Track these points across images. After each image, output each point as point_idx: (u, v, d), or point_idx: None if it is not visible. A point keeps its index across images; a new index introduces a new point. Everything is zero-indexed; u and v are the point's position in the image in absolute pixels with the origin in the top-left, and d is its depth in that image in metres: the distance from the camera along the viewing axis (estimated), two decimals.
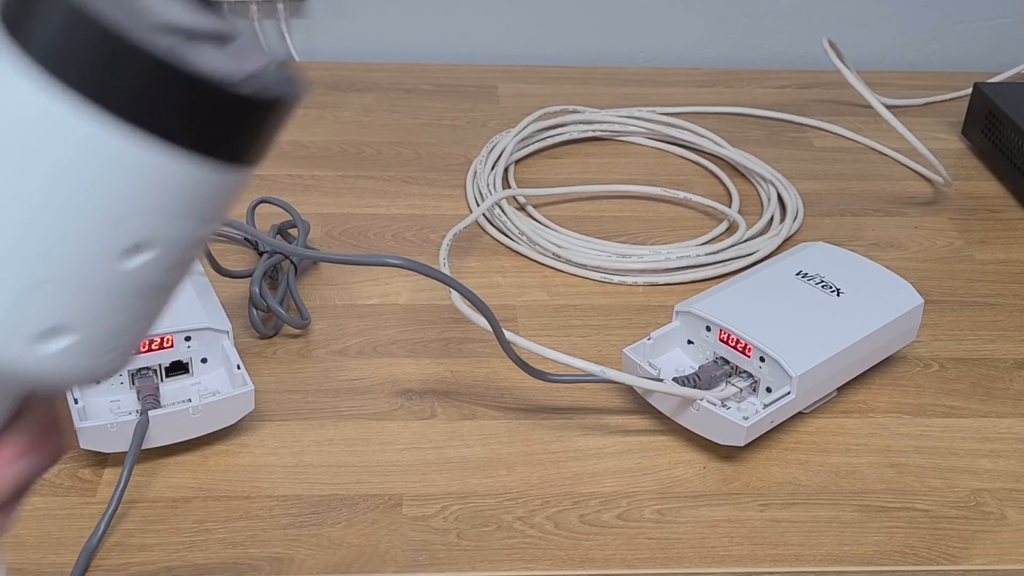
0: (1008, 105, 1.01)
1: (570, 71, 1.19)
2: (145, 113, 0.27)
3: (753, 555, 0.62)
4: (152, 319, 0.32)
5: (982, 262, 0.90)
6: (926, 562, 0.62)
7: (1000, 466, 0.69)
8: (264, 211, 0.88)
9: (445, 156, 1.01)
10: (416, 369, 0.75)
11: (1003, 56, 1.24)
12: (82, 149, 0.27)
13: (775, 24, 1.24)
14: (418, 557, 0.61)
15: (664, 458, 0.68)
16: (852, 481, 0.67)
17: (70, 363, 0.30)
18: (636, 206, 0.95)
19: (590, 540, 0.63)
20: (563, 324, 0.80)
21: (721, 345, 0.70)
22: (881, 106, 0.95)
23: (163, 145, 0.28)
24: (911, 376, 0.76)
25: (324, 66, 1.18)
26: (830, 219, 0.95)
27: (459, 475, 0.66)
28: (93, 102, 0.27)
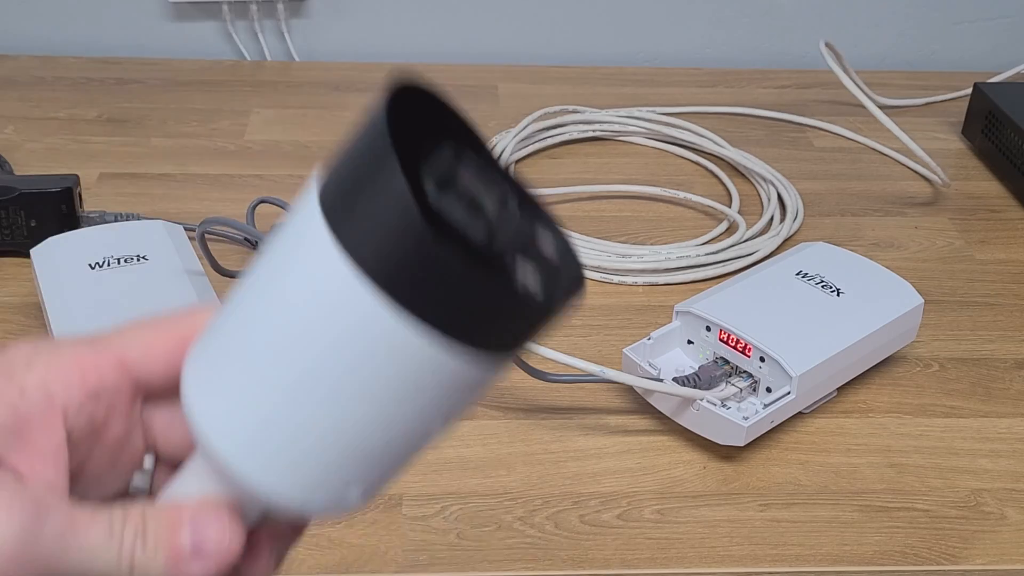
0: (1008, 105, 1.01)
1: (570, 71, 1.19)
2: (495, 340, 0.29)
3: (753, 555, 0.62)
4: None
5: (982, 262, 0.90)
6: (926, 562, 0.62)
7: (1000, 466, 0.69)
8: (264, 211, 0.88)
9: None
10: None
11: (1003, 56, 1.24)
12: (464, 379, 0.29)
13: (775, 24, 1.24)
14: (418, 557, 0.61)
15: (664, 458, 0.68)
16: (852, 481, 0.67)
17: (349, 505, 0.33)
18: (636, 206, 0.95)
19: (590, 540, 0.63)
20: (563, 324, 0.80)
21: (721, 345, 0.70)
22: (876, 108, 0.95)
23: (487, 358, 0.29)
24: (911, 376, 0.76)
25: (324, 66, 1.18)
26: (830, 219, 0.95)
27: (459, 475, 0.66)
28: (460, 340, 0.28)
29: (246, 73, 1.16)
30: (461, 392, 0.30)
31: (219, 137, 1.02)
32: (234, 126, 1.04)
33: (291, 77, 1.15)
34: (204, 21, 1.20)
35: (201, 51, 1.21)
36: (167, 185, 0.92)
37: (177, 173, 0.95)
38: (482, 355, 0.28)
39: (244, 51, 1.21)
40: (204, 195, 0.93)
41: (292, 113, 1.07)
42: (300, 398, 0.30)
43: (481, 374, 0.29)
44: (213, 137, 1.01)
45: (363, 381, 0.29)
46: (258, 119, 1.06)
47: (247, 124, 1.05)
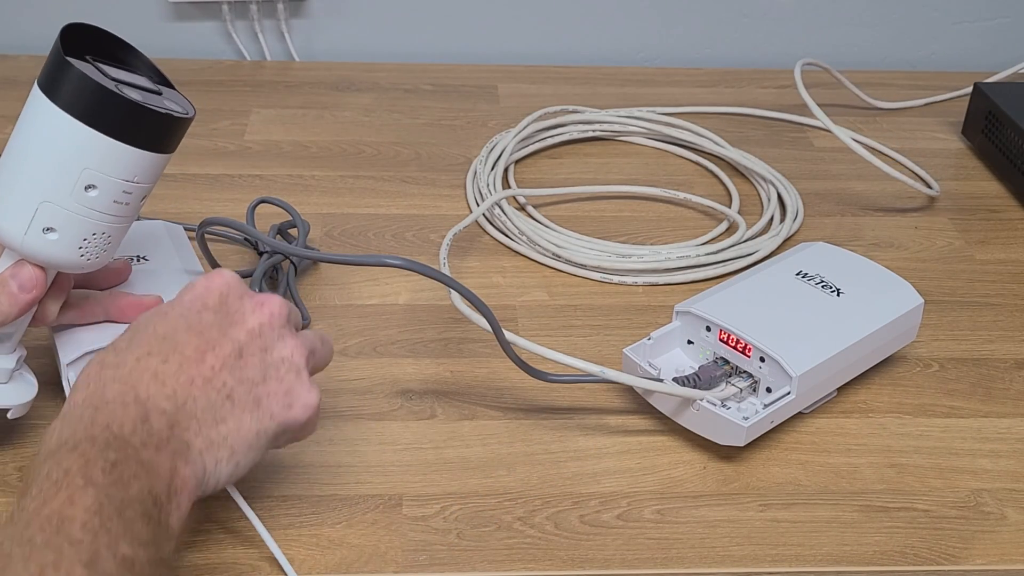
0: (1008, 105, 1.01)
1: (570, 71, 1.19)
2: (107, 123, 0.56)
3: (753, 555, 0.62)
4: (106, 238, 0.60)
5: (982, 262, 0.90)
6: (926, 562, 0.62)
7: (1000, 466, 0.69)
8: (264, 211, 0.88)
9: (445, 156, 1.01)
10: (416, 369, 0.75)
11: (1003, 56, 1.24)
12: (73, 140, 0.56)
13: (775, 24, 1.24)
14: (418, 557, 0.61)
15: (664, 458, 0.68)
16: (852, 481, 0.67)
17: (57, 251, 0.59)
18: (636, 206, 0.95)
19: (590, 540, 0.63)
20: (563, 324, 0.80)
21: (721, 345, 0.70)
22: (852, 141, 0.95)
23: (101, 133, 0.56)
24: (911, 376, 0.76)
25: (324, 66, 1.18)
26: (830, 219, 0.95)
27: (459, 475, 0.66)
28: (82, 121, 0.56)
29: (246, 73, 1.16)
30: (95, 155, 0.57)
31: (219, 137, 1.02)
32: (234, 126, 1.04)
33: (291, 77, 1.15)
34: (204, 21, 1.20)
35: (201, 51, 1.21)
36: (167, 185, 0.92)
37: (177, 173, 0.95)
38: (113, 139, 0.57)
39: (244, 51, 1.21)
40: (204, 195, 0.93)
41: (292, 113, 1.07)
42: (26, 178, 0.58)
43: (117, 150, 0.57)
44: (213, 137, 1.01)
45: (56, 153, 0.57)
46: (258, 119, 1.06)
47: (247, 124, 1.05)
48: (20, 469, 0.65)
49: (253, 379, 0.55)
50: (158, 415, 0.52)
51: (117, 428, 0.50)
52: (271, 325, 0.56)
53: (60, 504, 0.46)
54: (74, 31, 0.58)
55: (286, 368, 0.56)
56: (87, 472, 0.48)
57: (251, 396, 0.55)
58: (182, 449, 0.52)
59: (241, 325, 0.55)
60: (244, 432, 0.54)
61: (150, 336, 0.55)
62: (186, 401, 0.53)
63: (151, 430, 0.51)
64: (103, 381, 0.53)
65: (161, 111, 0.57)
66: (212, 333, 0.55)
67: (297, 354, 0.56)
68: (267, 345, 0.55)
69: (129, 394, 0.52)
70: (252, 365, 0.55)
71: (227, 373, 0.54)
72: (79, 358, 0.64)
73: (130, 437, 0.50)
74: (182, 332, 0.54)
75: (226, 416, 0.54)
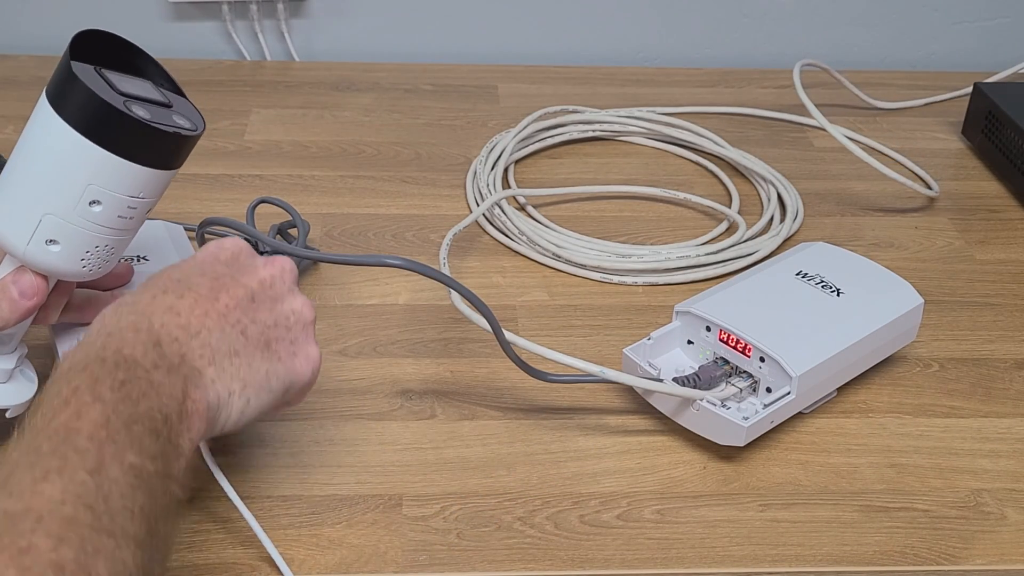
0: (1008, 105, 1.01)
1: (570, 71, 1.19)
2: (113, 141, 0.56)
3: (753, 555, 0.62)
4: (109, 250, 0.60)
5: (982, 262, 0.90)
6: (926, 562, 0.62)
7: (1000, 466, 0.69)
8: (264, 211, 0.88)
9: (445, 156, 1.01)
10: (416, 369, 0.75)
11: (1003, 56, 1.24)
12: (78, 156, 0.56)
13: (775, 24, 1.24)
14: (418, 557, 0.61)
15: (664, 458, 0.68)
16: (852, 481, 0.67)
17: (59, 262, 0.59)
18: (636, 206, 0.95)
19: (590, 540, 0.63)
20: (563, 324, 0.80)
21: (721, 345, 0.70)
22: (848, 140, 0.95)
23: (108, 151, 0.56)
24: (911, 376, 0.76)
25: (324, 66, 1.18)
26: (830, 219, 0.95)
27: (459, 475, 0.66)
28: (88, 138, 0.55)
29: (246, 73, 1.16)
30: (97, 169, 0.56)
31: (219, 137, 1.02)
32: (234, 126, 1.04)
33: (291, 77, 1.15)
34: (204, 21, 1.20)
35: (201, 51, 1.21)
36: None
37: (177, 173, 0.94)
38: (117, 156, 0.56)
39: (244, 51, 1.21)
40: (204, 195, 0.93)
41: (292, 113, 1.07)
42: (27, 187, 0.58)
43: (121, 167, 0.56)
44: (213, 137, 1.01)
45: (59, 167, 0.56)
46: (258, 119, 1.06)
47: (247, 124, 1.05)
48: None
49: (265, 321, 0.57)
50: (170, 342, 0.53)
51: (128, 351, 0.51)
52: (282, 279, 0.58)
53: (67, 417, 0.47)
54: (85, 37, 0.58)
55: (295, 319, 0.58)
56: (95, 389, 0.49)
57: (263, 337, 0.56)
58: (194, 375, 0.53)
59: (253, 274, 0.57)
60: (255, 368, 0.56)
61: (165, 279, 0.56)
62: (200, 331, 0.54)
63: (162, 354, 0.52)
64: (118, 314, 0.54)
65: (168, 130, 0.57)
66: (225, 279, 0.57)
67: (307, 309, 0.59)
68: (277, 295, 0.58)
69: (143, 322, 0.53)
70: (264, 309, 0.57)
71: (240, 312, 0.56)
72: None
73: (141, 359, 0.51)
74: (196, 276, 0.56)
75: (239, 350, 0.55)
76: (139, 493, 0.46)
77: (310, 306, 0.59)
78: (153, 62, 0.61)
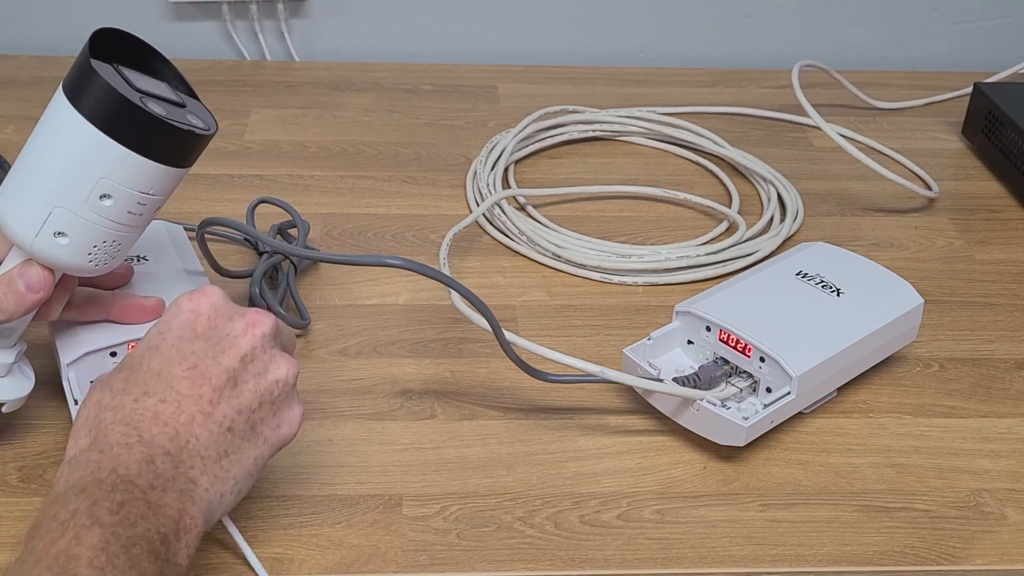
0: (1008, 105, 1.01)
1: (570, 71, 1.19)
2: (128, 136, 0.56)
3: (753, 555, 0.62)
4: (116, 246, 0.60)
5: (982, 262, 0.90)
6: (926, 562, 0.62)
7: (1000, 466, 0.69)
8: (264, 211, 0.88)
9: (445, 156, 1.01)
10: (416, 369, 0.75)
11: (1003, 56, 1.24)
12: (92, 149, 0.56)
13: (775, 24, 1.24)
14: (418, 557, 0.61)
15: (664, 458, 0.68)
16: (852, 481, 0.67)
17: (66, 255, 0.59)
18: (636, 206, 0.95)
19: (590, 540, 0.63)
20: (563, 324, 0.80)
21: (721, 345, 0.70)
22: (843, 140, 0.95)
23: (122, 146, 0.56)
24: (911, 376, 0.76)
25: (324, 66, 1.18)
26: (830, 219, 0.95)
27: (459, 475, 0.66)
28: (103, 131, 0.56)
29: (246, 73, 1.16)
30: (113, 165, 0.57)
31: (219, 137, 1.02)
32: (234, 126, 1.04)
33: (291, 77, 1.15)
34: (204, 21, 1.20)
35: (201, 51, 1.21)
36: None
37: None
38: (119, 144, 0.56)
39: (244, 51, 1.21)
40: (204, 195, 0.93)
41: (292, 113, 1.07)
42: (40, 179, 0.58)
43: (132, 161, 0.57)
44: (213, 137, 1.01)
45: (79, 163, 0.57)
46: (258, 119, 1.06)
47: (247, 124, 1.05)
48: (20, 469, 0.65)
49: (249, 406, 0.55)
50: (162, 456, 0.52)
51: (123, 471, 0.51)
52: (262, 347, 0.56)
53: (67, 543, 0.47)
54: (104, 36, 0.58)
55: (278, 391, 0.57)
56: (94, 512, 0.48)
57: (248, 424, 0.55)
58: (188, 488, 0.52)
59: (233, 350, 0.55)
60: (244, 461, 0.55)
61: (144, 374, 0.55)
62: (188, 440, 0.53)
63: (156, 471, 0.52)
64: (104, 424, 0.53)
65: (183, 127, 0.57)
66: (206, 363, 0.55)
67: (289, 374, 0.57)
68: (259, 370, 0.56)
69: (132, 435, 0.52)
70: (247, 392, 0.55)
71: (225, 404, 0.55)
72: (79, 358, 0.64)
73: (136, 479, 0.51)
74: (176, 366, 0.55)
75: (227, 449, 0.54)
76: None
77: (292, 366, 0.57)
78: (168, 64, 0.62)
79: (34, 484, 0.64)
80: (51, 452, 0.66)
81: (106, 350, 0.64)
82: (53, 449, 0.66)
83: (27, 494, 0.63)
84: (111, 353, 0.64)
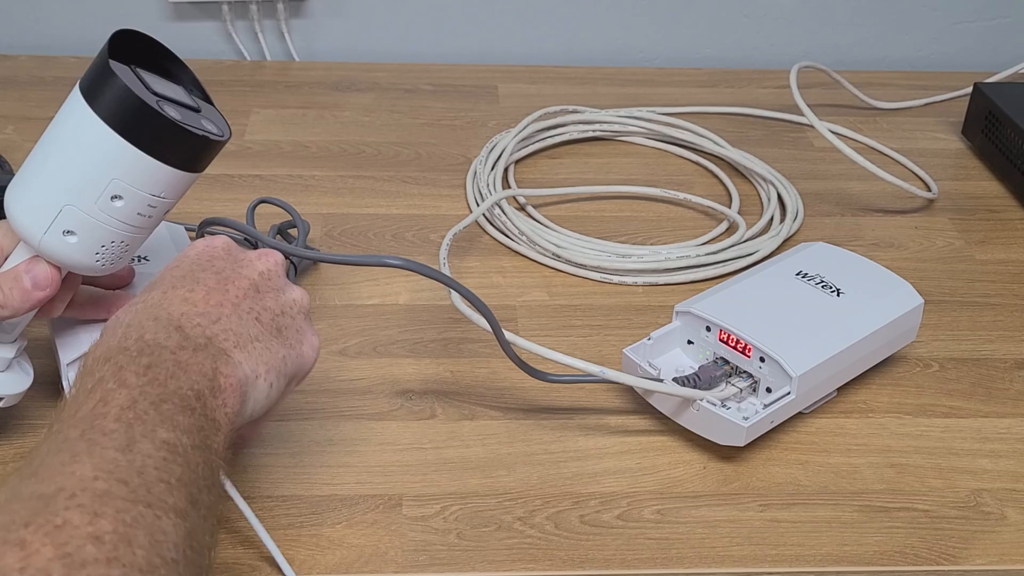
0: (1008, 105, 1.01)
1: (570, 71, 1.19)
2: (143, 138, 0.56)
3: (753, 555, 0.62)
4: (124, 246, 0.60)
5: (982, 262, 0.90)
6: (926, 562, 0.62)
7: (1000, 466, 0.69)
8: (264, 211, 0.88)
9: (445, 156, 1.01)
10: (416, 369, 0.75)
11: (1003, 56, 1.24)
12: (106, 150, 0.56)
13: (775, 24, 1.24)
14: (418, 557, 0.61)
15: (664, 458, 0.68)
16: (852, 481, 0.67)
17: (74, 254, 0.59)
18: (636, 206, 0.95)
19: (590, 540, 0.63)
20: (563, 324, 0.80)
21: (721, 345, 0.70)
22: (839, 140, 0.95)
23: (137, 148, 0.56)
24: (911, 376, 0.76)
25: (324, 66, 1.18)
26: (830, 219, 0.95)
27: (459, 475, 0.66)
28: (119, 133, 0.56)
29: (246, 73, 1.16)
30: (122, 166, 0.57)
31: None
32: (234, 126, 1.03)
33: (291, 77, 1.15)
34: (204, 21, 1.20)
35: (201, 51, 1.21)
36: None
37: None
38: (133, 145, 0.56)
39: (244, 51, 1.21)
40: (204, 195, 0.93)
41: (292, 113, 1.07)
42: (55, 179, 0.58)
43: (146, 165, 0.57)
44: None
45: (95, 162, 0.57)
46: (258, 119, 1.06)
47: (247, 124, 1.05)
48: None
49: (273, 309, 0.58)
50: (192, 327, 0.53)
51: (151, 336, 0.51)
52: (277, 272, 0.59)
53: (93, 405, 0.47)
54: (122, 37, 0.58)
55: (296, 309, 0.59)
56: (120, 376, 0.49)
57: (274, 324, 0.57)
58: (221, 355, 0.53)
59: (251, 267, 0.58)
60: (274, 352, 0.56)
61: (170, 276, 0.57)
62: (219, 318, 0.54)
63: (186, 335, 0.52)
64: (133, 310, 0.54)
65: (198, 132, 0.58)
66: (228, 272, 0.57)
67: (303, 299, 0.60)
68: (277, 286, 0.59)
69: (162, 312, 0.53)
70: (269, 299, 0.58)
71: (251, 301, 0.57)
72: (79, 358, 0.64)
73: (165, 342, 0.51)
74: (199, 271, 0.57)
75: (257, 335, 0.56)
76: (175, 466, 0.46)
77: (305, 295, 0.60)
78: (185, 67, 0.62)
79: None
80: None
81: None
82: None
83: None
84: None
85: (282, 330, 0.58)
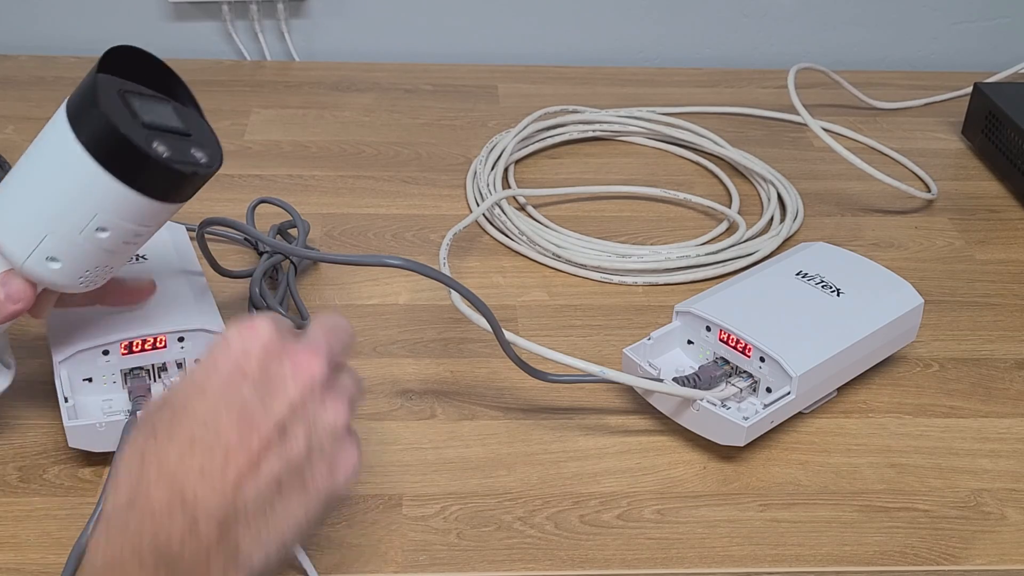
0: (1008, 105, 1.01)
1: (570, 71, 1.19)
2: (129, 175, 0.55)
3: (753, 555, 0.62)
4: (108, 269, 0.60)
5: (982, 262, 0.90)
6: (926, 562, 0.62)
7: (1000, 466, 0.69)
8: (264, 211, 0.88)
9: (445, 156, 1.01)
10: (416, 369, 0.75)
11: (1003, 56, 1.24)
12: (92, 184, 0.55)
13: (775, 24, 1.24)
14: (418, 557, 0.61)
15: (664, 458, 0.68)
16: (852, 481, 0.67)
17: (57, 278, 0.59)
18: (636, 206, 0.95)
19: (590, 540, 0.63)
20: (563, 324, 0.80)
21: (721, 345, 0.70)
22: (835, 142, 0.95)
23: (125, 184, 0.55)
24: (911, 376, 0.76)
25: (324, 66, 1.18)
26: (830, 219, 0.95)
27: (459, 475, 0.66)
28: (104, 167, 0.55)
29: (246, 73, 1.16)
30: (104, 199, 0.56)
31: (219, 137, 1.01)
32: (234, 126, 1.04)
33: (291, 77, 1.15)
34: (204, 21, 1.20)
35: (201, 51, 1.21)
36: None
37: None
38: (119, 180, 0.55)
39: (244, 51, 1.21)
40: (204, 195, 0.91)
41: (292, 113, 1.07)
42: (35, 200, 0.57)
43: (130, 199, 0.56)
44: None
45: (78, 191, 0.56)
46: (258, 119, 1.06)
47: (247, 124, 1.05)
48: (20, 469, 0.65)
49: (299, 460, 0.51)
50: (206, 520, 0.48)
51: (164, 539, 0.48)
52: (312, 393, 0.52)
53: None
54: (114, 54, 0.57)
55: (330, 439, 0.52)
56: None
57: (299, 479, 0.51)
58: (232, 554, 0.49)
59: (283, 396, 0.51)
60: (293, 518, 0.51)
61: (190, 420, 0.50)
62: (235, 499, 0.49)
63: (199, 537, 0.48)
64: (147, 481, 0.49)
65: (187, 172, 0.56)
66: (254, 414, 0.50)
67: (340, 419, 0.53)
68: (311, 418, 0.52)
69: (176, 498, 0.48)
70: (297, 444, 0.51)
71: (274, 457, 0.50)
72: (70, 356, 0.64)
73: (179, 550, 0.48)
74: (223, 414, 0.50)
75: (276, 506, 0.50)
76: None
77: (344, 413, 0.52)
78: (179, 80, 0.61)
79: (34, 484, 0.64)
80: (51, 451, 0.66)
81: (98, 348, 0.64)
82: (53, 448, 0.66)
83: (27, 494, 0.63)
84: (103, 351, 0.64)
85: (307, 482, 0.52)
